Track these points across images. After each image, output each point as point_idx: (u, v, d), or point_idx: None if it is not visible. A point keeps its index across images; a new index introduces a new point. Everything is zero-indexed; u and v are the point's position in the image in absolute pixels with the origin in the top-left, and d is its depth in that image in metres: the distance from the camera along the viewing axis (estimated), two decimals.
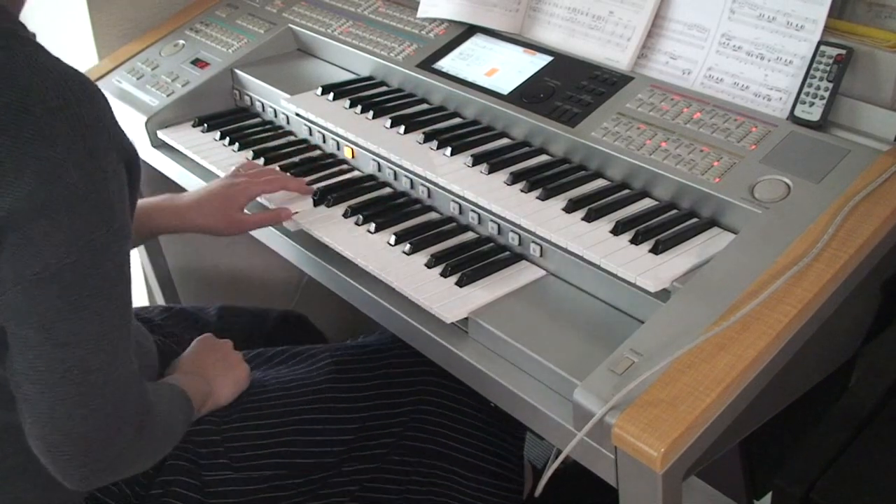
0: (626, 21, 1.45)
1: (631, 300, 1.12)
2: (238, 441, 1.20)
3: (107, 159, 0.90)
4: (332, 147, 1.56)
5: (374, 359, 1.34)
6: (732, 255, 1.08)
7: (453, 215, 1.35)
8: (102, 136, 0.89)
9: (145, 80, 1.83)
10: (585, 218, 1.22)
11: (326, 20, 1.83)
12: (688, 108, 1.32)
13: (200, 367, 1.24)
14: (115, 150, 0.91)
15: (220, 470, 1.17)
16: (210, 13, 2.00)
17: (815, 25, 1.27)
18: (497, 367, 1.09)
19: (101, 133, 0.89)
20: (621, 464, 0.94)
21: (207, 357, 1.26)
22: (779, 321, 0.98)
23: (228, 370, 1.25)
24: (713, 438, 0.94)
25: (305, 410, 1.25)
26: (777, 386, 1.01)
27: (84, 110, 0.88)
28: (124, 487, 1.12)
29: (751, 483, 1.46)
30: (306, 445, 1.23)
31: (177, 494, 1.14)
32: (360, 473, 1.25)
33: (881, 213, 1.09)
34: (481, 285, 1.19)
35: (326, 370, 1.31)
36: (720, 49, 1.36)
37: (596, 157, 1.33)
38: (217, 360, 1.26)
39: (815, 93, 1.23)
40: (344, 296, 1.31)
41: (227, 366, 1.26)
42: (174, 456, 1.15)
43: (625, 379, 0.94)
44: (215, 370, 1.24)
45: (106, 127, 0.91)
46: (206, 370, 1.23)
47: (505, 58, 1.55)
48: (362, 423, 1.27)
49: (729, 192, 1.18)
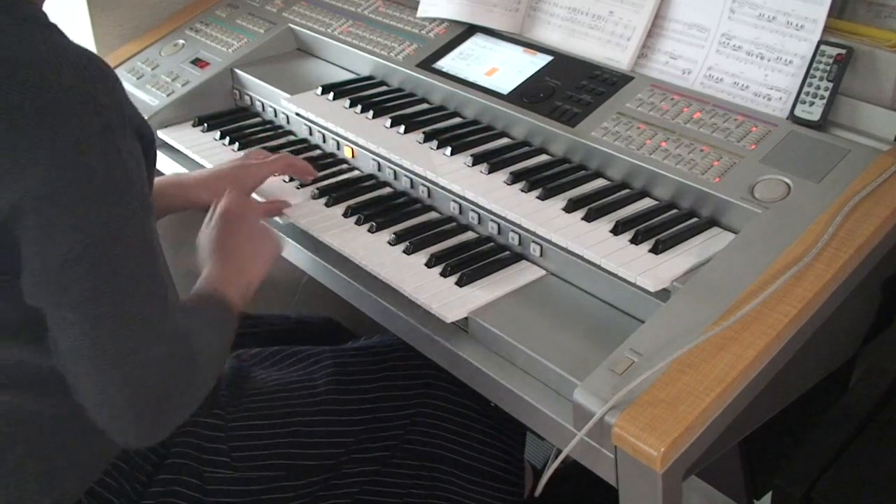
0: (626, 21, 1.45)
1: (631, 300, 1.12)
2: (240, 441, 1.20)
3: (122, 137, 0.90)
4: (332, 147, 1.56)
5: (375, 361, 1.34)
6: (732, 255, 1.08)
7: (453, 215, 1.35)
8: (117, 115, 0.90)
9: (145, 79, 1.83)
10: (585, 218, 1.22)
11: (326, 20, 1.83)
12: (688, 108, 1.32)
13: (230, 250, 1.18)
14: (130, 128, 0.92)
15: (222, 468, 1.17)
16: (210, 13, 2.00)
17: (815, 25, 1.27)
18: (497, 367, 1.09)
19: (115, 111, 0.90)
20: (621, 464, 0.94)
21: (236, 236, 1.21)
22: (779, 321, 0.98)
23: (259, 248, 1.21)
24: (713, 438, 0.94)
25: (306, 412, 1.25)
26: (777, 386, 1.01)
27: (99, 89, 0.89)
28: (124, 484, 1.12)
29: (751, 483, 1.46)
30: (307, 447, 1.23)
31: (177, 493, 1.14)
32: (360, 476, 1.25)
33: (881, 212, 1.09)
34: (481, 285, 1.19)
35: (328, 372, 1.30)
36: (720, 49, 1.36)
37: (596, 157, 1.33)
38: (246, 240, 1.21)
39: (815, 92, 1.23)
40: (344, 296, 1.31)
41: (257, 243, 1.21)
42: (177, 454, 1.15)
43: (625, 379, 0.94)
44: (245, 251, 1.19)
45: (120, 105, 0.91)
46: (237, 252, 1.18)
47: (505, 57, 1.55)
48: (363, 426, 1.27)
49: (729, 191, 1.18)
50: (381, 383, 1.31)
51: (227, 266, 1.16)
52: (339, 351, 1.37)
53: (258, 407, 1.23)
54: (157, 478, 1.14)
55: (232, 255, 1.18)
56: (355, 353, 1.36)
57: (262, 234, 1.24)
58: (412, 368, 1.34)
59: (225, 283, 1.13)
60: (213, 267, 1.16)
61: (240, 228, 1.23)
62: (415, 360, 1.33)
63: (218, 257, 1.18)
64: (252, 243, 1.21)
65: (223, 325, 1.08)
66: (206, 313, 1.07)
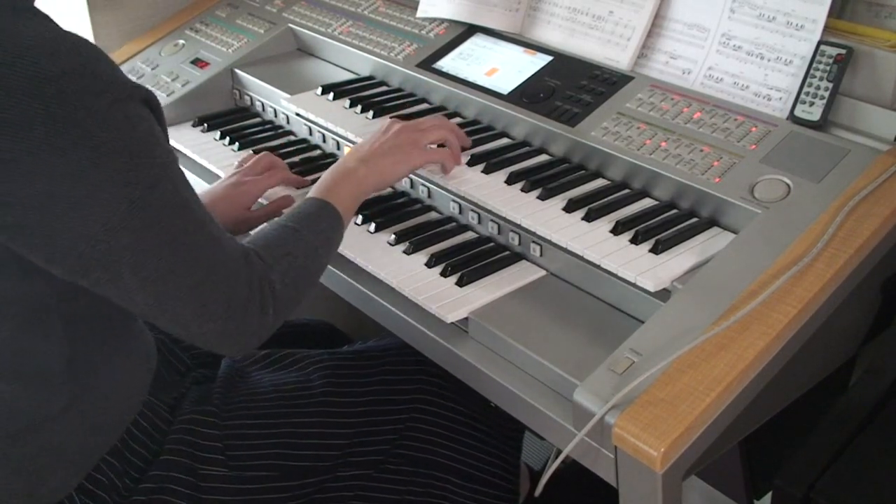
0: (626, 21, 1.45)
1: (631, 300, 1.12)
2: (235, 440, 1.20)
3: (129, 106, 0.92)
4: (332, 147, 1.56)
5: (371, 365, 1.34)
6: (732, 255, 1.08)
7: (453, 215, 1.35)
8: (120, 87, 0.91)
9: (145, 79, 1.83)
10: (585, 218, 1.22)
11: (326, 20, 1.83)
12: (688, 108, 1.32)
13: (365, 150, 1.26)
14: (134, 98, 0.94)
15: (217, 467, 1.17)
16: (210, 13, 2.00)
17: (815, 25, 1.27)
18: (497, 367, 1.09)
19: (117, 85, 0.91)
20: (621, 464, 0.94)
21: (383, 136, 1.29)
22: (779, 321, 0.98)
23: (392, 151, 1.26)
24: (713, 438, 0.94)
25: (302, 414, 1.25)
26: (777, 386, 1.01)
27: (101, 67, 0.91)
28: (115, 479, 1.11)
29: (751, 483, 1.45)
30: (302, 448, 1.22)
31: (171, 490, 1.13)
32: (355, 479, 1.24)
33: (881, 212, 1.09)
34: (481, 285, 1.19)
35: (323, 374, 1.30)
36: (720, 49, 1.36)
37: (596, 157, 1.33)
38: (387, 143, 1.27)
39: (815, 92, 1.23)
40: (344, 296, 1.31)
41: (394, 148, 1.27)
42: (170, 451, 1.15)
43: (625, 379, 0.94)
44: (378, 152, 1.26)
45: (121, 79, 0.93)
46: (370, 152, 1.26)
47: (505, 58, 1.55)
48: (358, 429, 1.27)
49: (729, 191, 1.18)
50: (376, 387, 1.31)
51: (347, 167, 1.23)
52: (334, 354, 1.37)
53: (253, 407, 1.23)
54: (150, 474, 1.13)
55: (368, 146, 1.27)
56: (351, 356, 1.36)
57: (410, 147, 1.29)
58: (407, 373, 1.34)
59: (329, 187, 1.19)
60: (330, 171, 1.23)
61: (386, 137, 1.29)
62: (410, 364, 1.33)
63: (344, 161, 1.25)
64: (390, 152, 1.27)
65: (311, 229, 1.12)
66: (292, 224, 1.12)
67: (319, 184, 1.21)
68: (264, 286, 1.02)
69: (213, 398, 1.22)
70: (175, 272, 0.95)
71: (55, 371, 1.04)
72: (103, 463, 1.11)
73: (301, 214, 1.15)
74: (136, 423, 1.14)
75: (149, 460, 1.14)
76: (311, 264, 1.11)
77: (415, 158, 1.29)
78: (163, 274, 0.94)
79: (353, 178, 1.22)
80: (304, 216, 1.14)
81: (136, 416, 1.15)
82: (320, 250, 1.12)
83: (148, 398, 1.17)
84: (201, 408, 1.20)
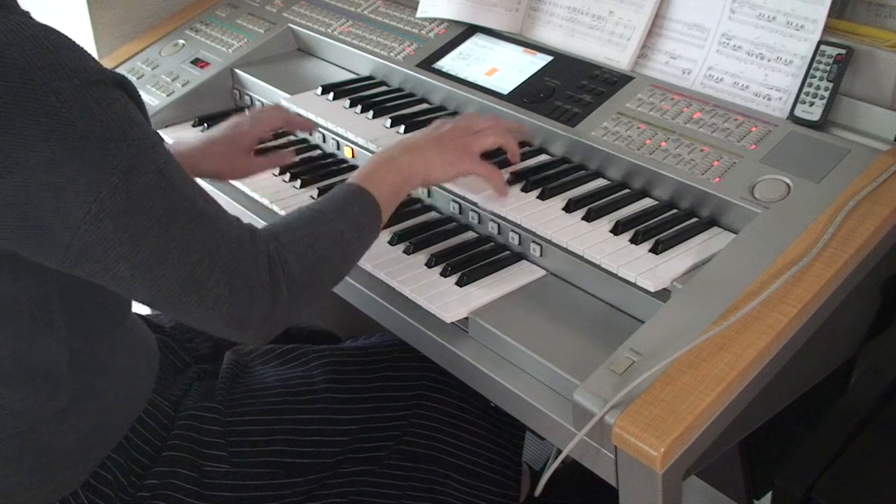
0: (626, 21, 1.45)
1: (631, 300, 1.12)
2: (238, 436, 1.20)
3: (99, 90, 0.89)
4: (332, 147, 1.56)
5: (374, 361, 1.34)
6: (732, 255, 1.08)
7: (453, 215, 1.35)
8: (87, 74, 0.89)
9: (145, 79, 1.83)
10: (585, 217, 1.22)
11: (326, 20, 1.83)
12: (688, 108, 1.32)
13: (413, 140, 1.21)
14: (105, 82, 0.91)
15: (219, 463, 1.17)
16: (210, 13, 2.00)
17: (815, 25, 1.27)
18: (497, 367, 1.09)
19: (84, 71, 0.89)
20: (621, 463, 0.94)
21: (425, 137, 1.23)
22: (779, 321, 0.98)
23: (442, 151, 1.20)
24: (713, 438, 0.94)
25: (303, 409, 1.25)
26: (777, 386, 1.01)
27: (64, 54, 0.89)
28: (120, 476, 1.11)
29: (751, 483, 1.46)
30: (304, 445, 1.23)
31: (175, 486, 1.14)
32: (356, 475, 1.24)
33: (881, 212, 1.09)
34: (481, 285, 1.19)
35: (326, 370, 1.30)
36: (720, 49, 1.36)
37: (596, 157, 1.33)
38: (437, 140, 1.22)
39: (815, 92, 1.23)
40: (344, 296, 1.31)
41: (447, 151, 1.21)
42: (173, 447, 1.15)
43: (625, 379, 0.94)
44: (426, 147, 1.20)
45: (87, 65, 0.90)
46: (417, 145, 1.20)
47: (505, 57, 1.55)
48: (360, 426, 1.27)
49: (729, 191, 1.18)
50: (379, 383, 1.31)
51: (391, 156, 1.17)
52: (337, 349, 1.37)
53: (256, 403, 1.24)
54: (154, 470, 1.14)
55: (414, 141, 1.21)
56: (354, 352, 1.36)
57: (462, 150, 1.22)
58: (410, 369, 1.34)
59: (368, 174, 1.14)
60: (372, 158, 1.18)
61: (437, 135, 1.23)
62: (413, 360, 1.33)
63: (396, 143, 1.20)
64: (438, 145, 1.21)
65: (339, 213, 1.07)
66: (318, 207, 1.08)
67: (359, 170, 1.16)
68: (275, 267, 0.98)
69: (216, 394, 1.22)
70: (167, 257, 0.92)
71: (57, 371, 1.03)
72: (108, 460, 1.11)
73: (331, 197, 1.10)
74: (141, 420, 1.15)
75: (153, 457, 1.15)
76: (336, 249, 1.05)
77: (465, 164, 1.22)
78: (156, 260, 0.91)
79: (394, 166, 1.16)
80: (334, 199, 1.09)
81: (141, 413, 1.15)
82: (347, 235, 1.07)
83: (151, 395, 1.17)
84: (204, 404, 1.20)
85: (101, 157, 0.88)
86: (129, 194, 0.89)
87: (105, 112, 0.89)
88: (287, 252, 1.00)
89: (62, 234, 0.89)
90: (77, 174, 0.87)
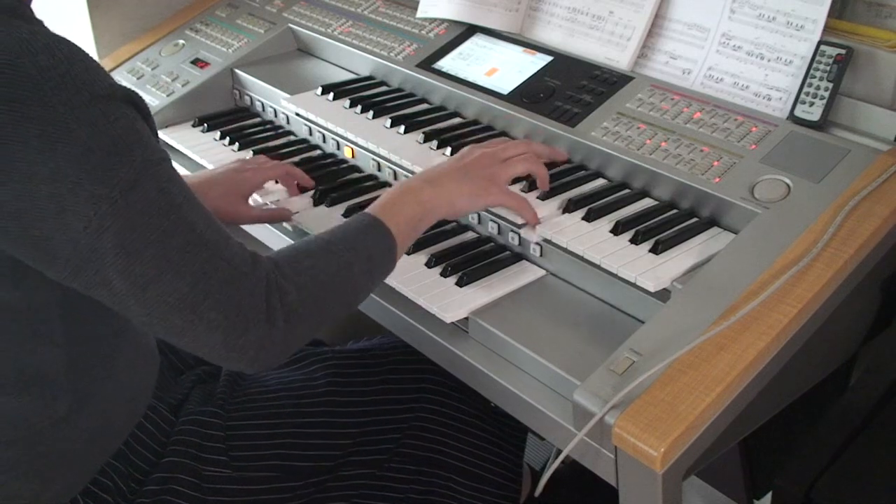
0: (626, 21, 1.45)
1: (631, 300, 1.12)
2: (238, 440, 1.20)
3: (108, 104, 0.89)
4: (332, 147, 1.56)
5: (375, 363, 1.34)
6: (732, 255, 1.08)
7: None
8: (96, 87, 0.89)
9: (145, 79, 1.83)
10: (585, 218, 1.22)
11: (326, 20, 1.83)
12: (688, 108, 1.32)
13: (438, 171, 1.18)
14: (118, 97, 0.91)
15: (220, 467, 1.17)
16: (210, 13, 2.00)
17: (815, 25, 1.27)
18: (497, 367, 1.09)
19: (94, 84, 0.89)
20: (621, 464, 0.94)
21: (449, 167, 1.19)
22: (779, 321, 0.98)
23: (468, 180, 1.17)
24: (713, 438, 0.94)
25: (304, 413, 1.25)
26: (777, 386, 1.01)
27: (75, 66, 0.88)
28: (119, 482, 1.11)
29: (751, 483, 1.46)
30: (305, 448, 1.22)
31: (175, 491, 1.13)
32: (358, 478, 1.24)
33: (881, 212, 1.09)
34: (481, 285, 1.19)
35: (327, 373, 1.30)
36: (720, 49, 1.36)
37: (596, 157, 1.33)
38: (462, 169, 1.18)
39: (815, 93, 1.23)
40: None
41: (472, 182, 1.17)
42: (174, 452, 1.15)
43: (625, 379, 0.94)
44: (450, 177, 1.17)
45: (98, 78, 0.90)
46: (441, 175, 1.17)
47: (505, 58, 1.55)
48: (361, 428, 1.27)
49: (729, 191, 1.18)
50: (380, 386, 1.31)
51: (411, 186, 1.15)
52: (338, 352, 1.37)
53: (256, 406, 1.24)
54: (154, 476, 1.13)
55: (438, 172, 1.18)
56: (355, 354, 1.36)
57: (489, 181, 1.19)
58: (411, 371, 1.33)
59: (385, 204, 1.11)
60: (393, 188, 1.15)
61: (463, 164, 1.20)
62: (414, 363, 1.33)
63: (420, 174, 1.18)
64: (464, 173, 1.18)
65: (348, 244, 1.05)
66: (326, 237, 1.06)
67: (379, 199, 1.13)
68: (272, 296, 0.95)
69: (216, 398, 1.22)
70: (163, 277, 0.90)
71: (55, 378, 1.02)
72: (108, 466, 1.11)
73: (342, 228, 1.07)
74: (141, 425, 1.14)
75: (153, 462, 1.14)
76: (341, 282, 1.02)
77: (493, 197, 1.19)
78: (151, 279, 0.90)
79: (415, 198, 1.13)
80: (345, 230, 1.07)
81: (141, 418, 1.15)
82: (356, 268, 1.03)
83: (151, 401, 1.17)
84: (204, 408, 1.20)
85: (104, 170, 0.88)
86: (128, 210, 0.89)
87: (112, 126, 0.89)
88: (287, 281, 0.98)
89: (62, 246, 0.88)
90: (79, 186, 0.87)
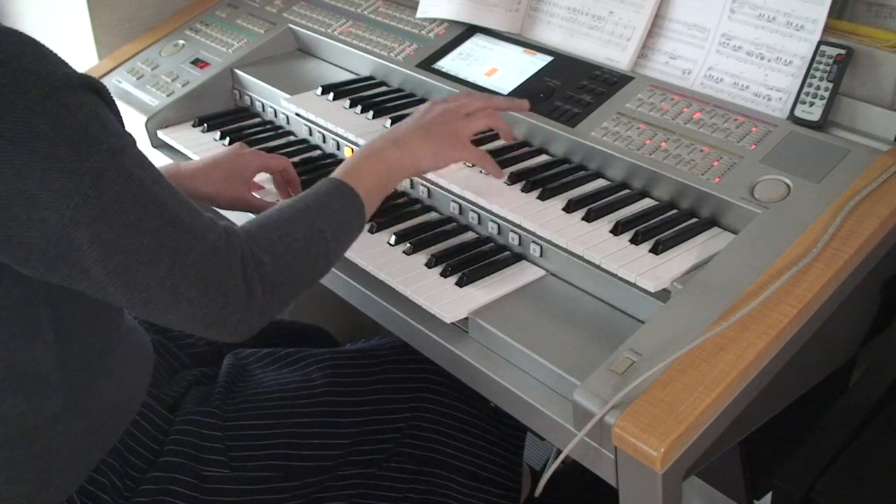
0: (626, 21, 1.45)
1: (631, 300, 1.12)
2: (237, 440, 1.20)
3: (67, 95, 0.88)
4: (332, 147, 1.56)
5: (373, 364, 1.34)
6: (732, 255, 1.08)
7: (453, 215, 1.35)
8: (53, 77, 0.88)
9: (145, 79, 1.83)
10: (585, 218, 1.22)
11: (326, 20, 1.83)
12: (688, 108, 1.32)
13: (400, 130, 1.19)
14: (74, 86, 0.90)
15: (218, 467, 1.17)
16: (210, 13, 2.00)
17: (815, 25, 1.27)
18: (497, 367, 1.09)
19: (50, 75, 0.88)
20: (621, 464, 0.94)
21: (414, 125, 1.20)
22: (779, 321, 0.98)
23: (431, 138, 1.18)
24: (713, 438, 0.94)
25: (303, 413, 1.25)
26: (777, 386, 1.01)
27: (27, 60, 0.87)
28: (116, 481, 1.11)
29: (751, 483, 1.46)
30: (304, 448, 1.22)
31: (173, 492, 1.13)
32: (357, 478, 1.24)
33: (881, 213, 1.09)
34: (481, 285, 1.19)
35: (326, 373, 1.30)
36: (720, 49, 1.36)
37: (596, 157, 1.33)
38: (425, 127, 1.20)
39: (815, 93, 1.23)
40: (344, 296, 1.31)
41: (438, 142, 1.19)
42: (171, 452, 1.15)
43: (625, 379, 0.94)
44: (414, 135, 1.18)
45: (53, 68, 0.89)
46: (405, 135, 1.18)
47: (505, 58, 1.55)
48: (360, 428, 1.27)
49: (729, 192, 1.18)
50: (379, 386, 1.31)
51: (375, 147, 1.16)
52: (337, 353, 1.37)
53: (255, 406, 1.23)
54: (151, 475, 1.13)
55: (400, 130, 1.19)
56: (353, 355, 1.36)
57: (452, 137, 1.20)
58: (410, 371, 1.33)
59: (351, 167, 1.12)
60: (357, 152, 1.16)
61: (425, 121, 1.21)
62: (413, 363, 1.33)
63: (384, 134, 1.18)
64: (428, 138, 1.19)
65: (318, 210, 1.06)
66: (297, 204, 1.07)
67: (344, 163, 1.14)
68: (248, 267, 0.97)
69: (215, 398, 1.22)
70: (140, 261, 0.91)
71: (47, 377, 1.02)
72: (103, 464, 1.11)
73: (310, 194, 1.09)
74: (136, 423, 1.14)
75: (150, 461, 1.14)
76: (314, 247, 1.04)
77: (456, 152, 1.21)
78: (129, 264, 0.91)
79: (380, 159, 1.15)
80: (314, 196, 1.08)
81: (136, 416, 1.14)
82: (328, 234, 1.06)
83: (146, 398, 1.17)
84: (202, 408, 1.20)
85: (71, 162, 0.87)
86: (100, 200, 0.89)
87: (73, 117, 0.88)
88: (262, 251, 0.99)
89: (37, 241, 0.88)
90: (48, 180, 0.86)
